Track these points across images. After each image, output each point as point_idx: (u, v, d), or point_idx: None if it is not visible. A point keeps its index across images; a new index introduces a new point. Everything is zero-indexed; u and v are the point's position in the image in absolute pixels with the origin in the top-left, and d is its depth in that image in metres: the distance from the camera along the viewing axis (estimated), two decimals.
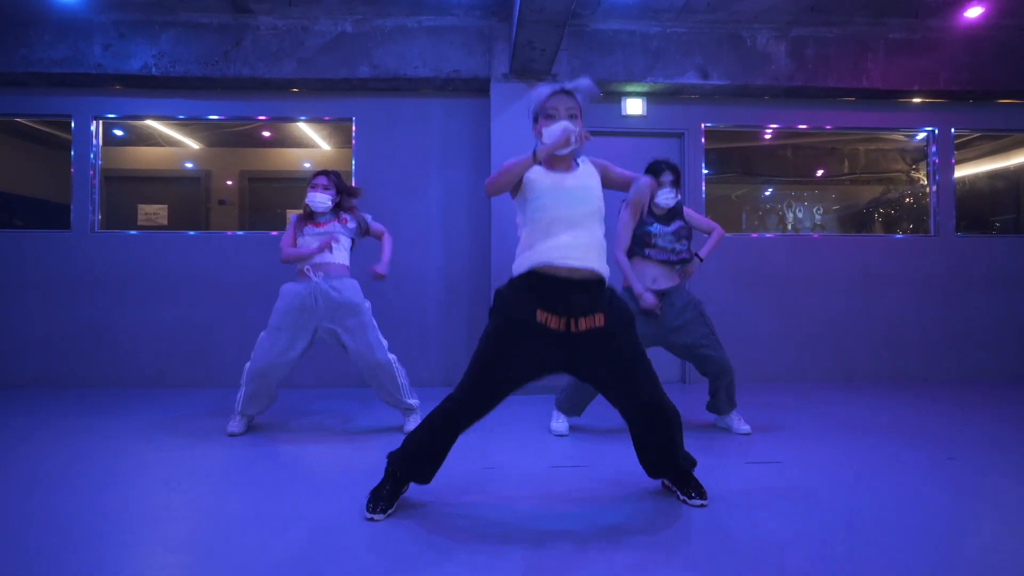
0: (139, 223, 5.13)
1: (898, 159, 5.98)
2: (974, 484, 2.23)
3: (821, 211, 7.61)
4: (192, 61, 4.30)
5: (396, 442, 2.59)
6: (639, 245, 2.96)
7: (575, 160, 2.02)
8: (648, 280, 2.95)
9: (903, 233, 5.08)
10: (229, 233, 4.59)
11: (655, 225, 2.97)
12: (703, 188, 4.73)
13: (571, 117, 1.91)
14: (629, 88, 4.56)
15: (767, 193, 7.88)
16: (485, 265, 4.49)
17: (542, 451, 2.70)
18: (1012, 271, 4.85)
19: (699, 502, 1.99)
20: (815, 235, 5.26)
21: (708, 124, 4.77)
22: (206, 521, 1.88)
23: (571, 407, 2.99)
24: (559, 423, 3.00)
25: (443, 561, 1.59)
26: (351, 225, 3.09)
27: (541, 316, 1.82)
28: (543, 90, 1.95)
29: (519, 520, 1.88)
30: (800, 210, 7.69)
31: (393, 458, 1.98)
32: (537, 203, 1.90)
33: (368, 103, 4.59)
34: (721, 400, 3.04)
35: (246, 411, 2.99)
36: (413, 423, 3.03)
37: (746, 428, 3.02)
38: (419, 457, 1.94)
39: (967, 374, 4.76)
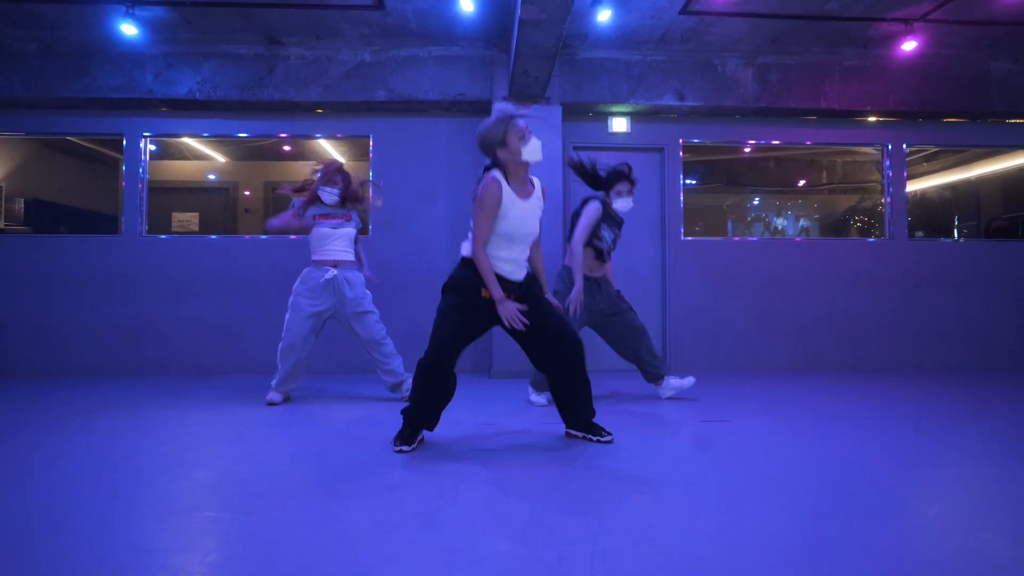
0: (173, 229, 5.73)
1: (873, 170, 6.55)
2: (883, 435, 2.79)
3: (803, 220, 8.20)
4: (231, 87, 4.91)
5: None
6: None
7: (530, 182, 2.63)
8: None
9: (876, 238, 5.62)
10: (247, 237, 5.18)
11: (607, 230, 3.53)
12: (681, 198, 5.31)
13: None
14: (615, 109, 5.16)
15: (755, 202, 8.48)
16: None
17: (528, 415, 3.26)
18: (958, 272, 5.41)
19: (608, 438, 2.60)
20: (798, 239, 5.82)
21: (685, 140, 5.35)
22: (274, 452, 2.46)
23: (540, 384, 3.54)
24: (536, 397, 3.56)
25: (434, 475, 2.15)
26: (355, 221, 3.74)
27: (484, 293, 2.50)
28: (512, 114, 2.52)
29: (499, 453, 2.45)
30: (784, 218, 8.28)
31: (405, 412, 2.56)
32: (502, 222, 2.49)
33: (384, 122, 5.20)
34: (647, 362, 3.58)
35: (282, 388, 3.55)
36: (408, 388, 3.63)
37: (690, 380, 3.66)
38: (423, 407, 2.51)
39: (921, 364, 5.31)
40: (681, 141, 5.34)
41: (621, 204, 3.53)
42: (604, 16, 4.30)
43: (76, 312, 4.97)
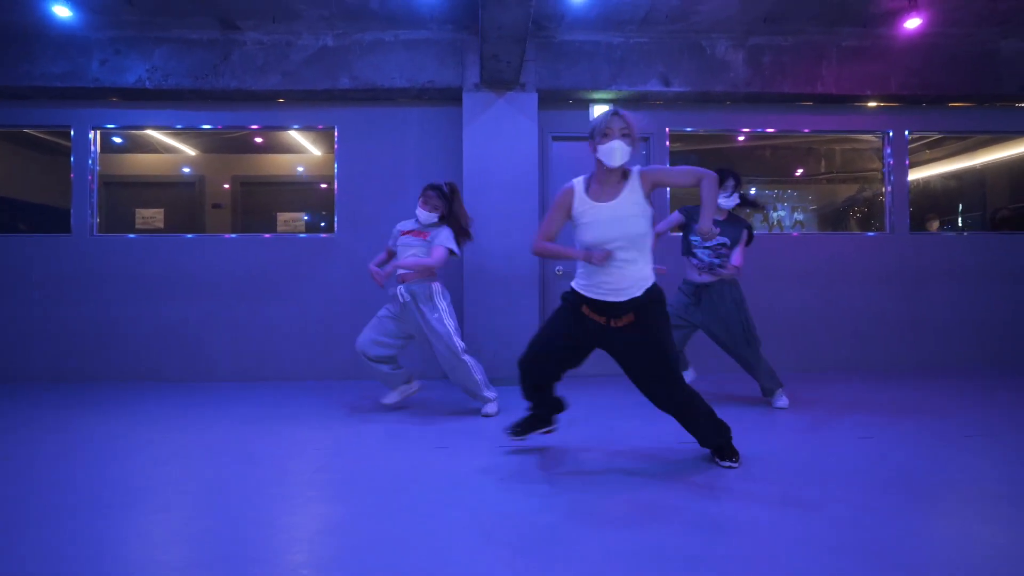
0: (137, 226, 5.42)
1: (873, 158, 6.21)
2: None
3: (797, 212, 7.87)
4: (184, 75, 4.58)
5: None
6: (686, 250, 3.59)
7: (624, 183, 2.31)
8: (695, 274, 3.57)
9: (874, 230, 5.31)
10: (224, 236, 4.88)
11: (696, 238, 3.48)
12: (669, 189, 4.99)
13: (623, 136, 2.23)
14: (596, 95, 4.82)
15: (751, 192, 8.14)
16: (458, 263, 4.75)
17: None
18: (962, 266, 5.09)
19: (728, 464, 2.38)
20: (794, 233, 5.51)
21: (672, 128, 5.02)
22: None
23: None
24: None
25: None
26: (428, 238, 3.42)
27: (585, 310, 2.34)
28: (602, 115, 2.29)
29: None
30: (782, 209, 7.95)
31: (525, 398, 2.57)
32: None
33: (350, 112, 4.87)
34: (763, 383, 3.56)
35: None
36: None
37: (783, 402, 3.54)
38: (532, 399, 2.55)
39: (922, 362, 5.00)
40: (668, 129, 5.01)
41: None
42: None
43: (22, 316, 4.68)
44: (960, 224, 6.94)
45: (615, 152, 2.20)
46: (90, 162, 4.80)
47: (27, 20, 4.40)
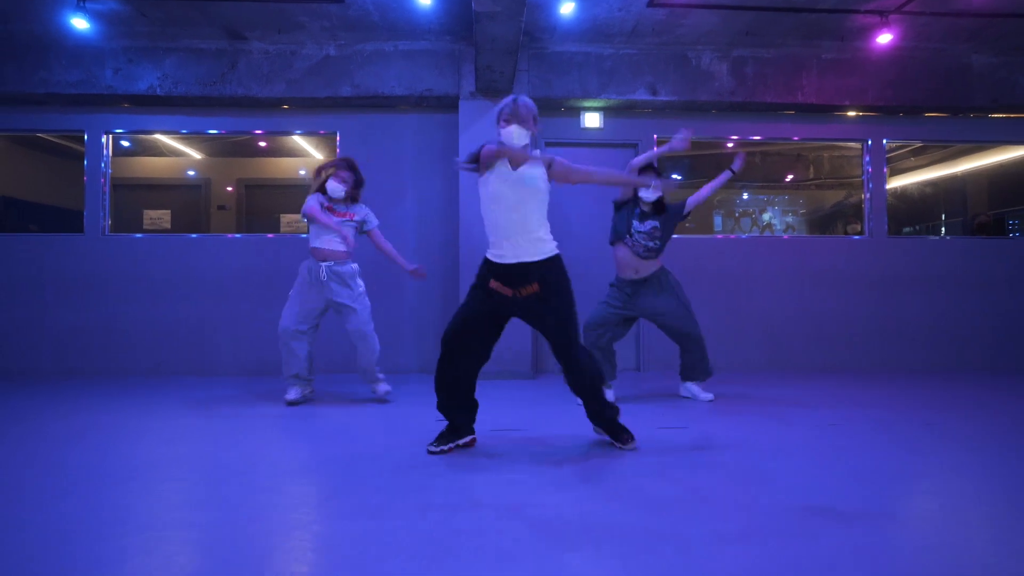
0: (144, 227, 5.64)
1: (859, 166, 6.43)
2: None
3: (786, 216, 8.08)
4: (192, 82, 4.80)
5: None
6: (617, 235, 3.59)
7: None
8: (630, 271, 3.56)
9: (860, 234, 5.52)
10: (228, 236, 5.09)
11: (635, 221, 3.55)
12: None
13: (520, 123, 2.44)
14: (586, 104, 5.05)
15: (744, 197, 8.35)
16: (454, 265, 4.97)
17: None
18: (937, 270, 5.29)
19: (631, 445, 2.52)
20: (785, 236, 5.71)
21: (660, 135, 5.24)
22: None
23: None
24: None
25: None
26: (356, 218, 3.79)
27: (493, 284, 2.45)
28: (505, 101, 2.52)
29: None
30: (771, 213, 8.16)
31: (440, 408, 2.57)
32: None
33: (351, 119, 5.09)
34: (687, 367, 3.71)
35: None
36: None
37: (708, 396, 3.70)
38: (450, 406, 2.54)
39: (894, 365, 5.20)
40: (656, 136, 5.22)
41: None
42: (567, 9, 4.18)
43: (36, 314, 4.89)
44: (944, 231, 7.16)
45: (513, 137, 2.42)
46: (102, 165, 5.01)
47: (44, 30, 4.62)
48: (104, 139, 5.02)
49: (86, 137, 5.00)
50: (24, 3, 4.26)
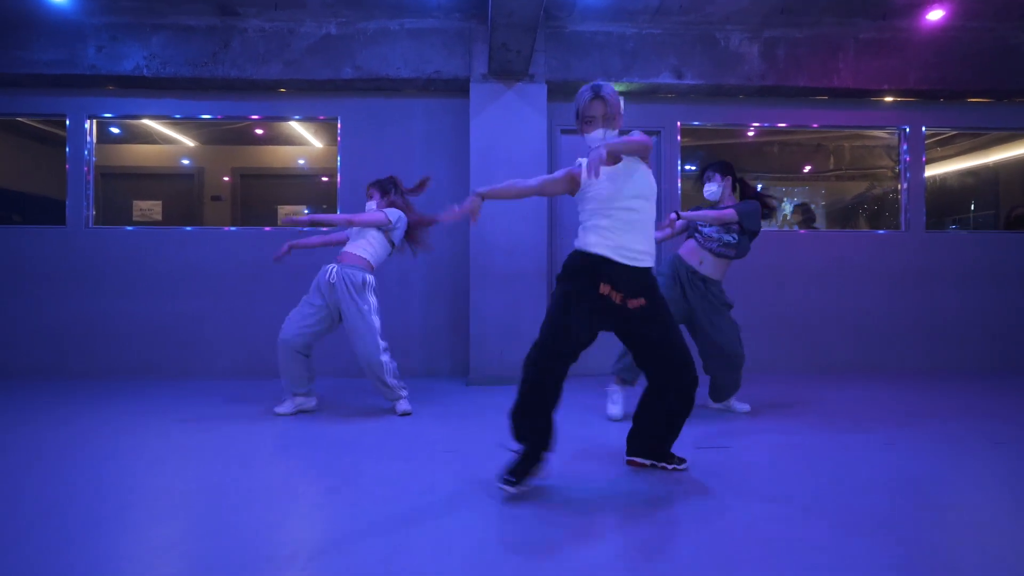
0: (134, 219, 5.29)
1: (883, 155, 6.09)
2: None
3: (813, 206, 7.74)
4: (182, 63, 4.44)
5: None
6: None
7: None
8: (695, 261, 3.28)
9: (886, 228, 5.20)
10: (224, 229, 4.75)
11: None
12: (679, 184, 4.87)
13: (604, 118, 2.09)
14: None
15: (759, 189, 8.01)
16: (464, 260, 4.64)
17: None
18: (980, 266, 4.97)
19: (684, 466, 2.28)
20: (801, 231, 5.39)
21: (684, 122, 4.90)
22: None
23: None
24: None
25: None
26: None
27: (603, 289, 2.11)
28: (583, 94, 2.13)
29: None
30: (789, 206, 7.82)
31: (516, 435, 2.11)
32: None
33: (353, 103, 4.74)
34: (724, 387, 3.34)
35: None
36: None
37: (744, 407, 3.36)
38: (537, 430, 2.07)
39: (935, 365, 4.89)
40: (679, 123, 4.89)
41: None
42: None
43: (14, 309, 4.56)
44: (972, 224, 6.82)
45: (598, 141, 2.07)
46: (86, 152, 4.66)
47: (21, 5, 4.26)
48: (88, 124, 4.67)
49: (68, 122, 4.65)
50: None
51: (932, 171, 6.64)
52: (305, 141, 6.07)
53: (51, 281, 4.58)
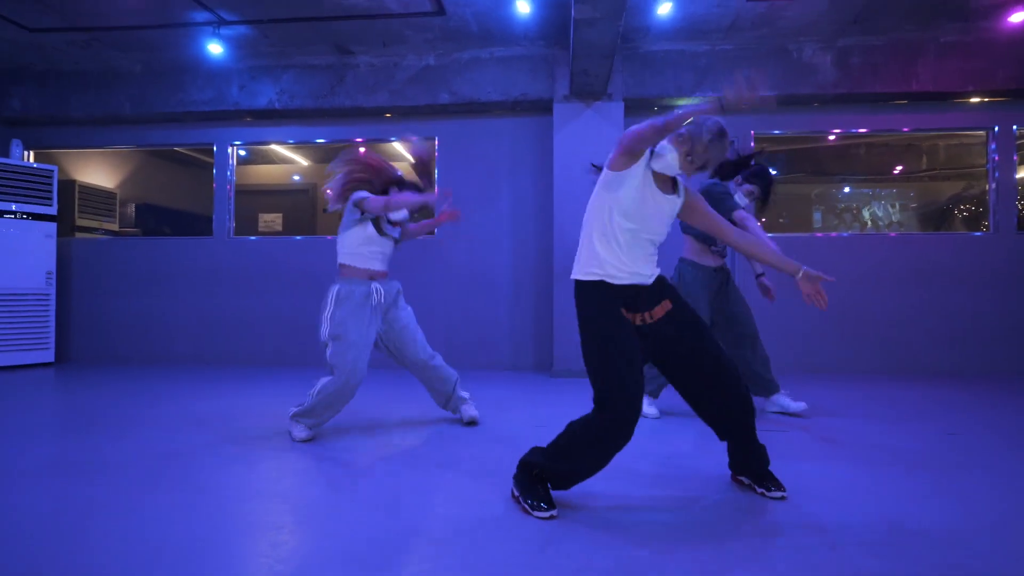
0: (259, 229, 6.18)
1: (981, 153, 5.94)
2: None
3: (894, 213, 7.55)
4: (306, 96, 5.21)
5: None
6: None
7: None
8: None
9: (983, 230, 5.11)
10: (330, 237, 5.48)
11: None
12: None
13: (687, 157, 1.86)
14: (680, 102, 4.98)
15: (845, 191, 7.90)
16: (548, 263, 5.09)
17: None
18: None
19: (779, 494, 1.97)
20: (891, 234, 5.38)
21: (757, 131, 5.09)
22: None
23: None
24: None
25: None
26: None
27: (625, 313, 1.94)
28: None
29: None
30: (879, 208, 7.66)
31: (537, 466, 1.90)
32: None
33: (448, 124, 5.33)
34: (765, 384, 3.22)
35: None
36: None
37: (801, 405, 3.21)
38: (572, 472, 1.87)
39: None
40: (753, 132, 5.09)
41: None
42: (664, 9, 4.16)
43: (173, 307, 5.50)
44: None
45: (666, 161, 1.88)
46: (228, 174, 5.54)
47: (188, 56, 5.17)
48: (230, 150, 5.55)
49: (215, 149, 5.55)
50: (170, 35, 4.79)
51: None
52: (403, 157, 6.76)
53: (203, 283, 5.48)
